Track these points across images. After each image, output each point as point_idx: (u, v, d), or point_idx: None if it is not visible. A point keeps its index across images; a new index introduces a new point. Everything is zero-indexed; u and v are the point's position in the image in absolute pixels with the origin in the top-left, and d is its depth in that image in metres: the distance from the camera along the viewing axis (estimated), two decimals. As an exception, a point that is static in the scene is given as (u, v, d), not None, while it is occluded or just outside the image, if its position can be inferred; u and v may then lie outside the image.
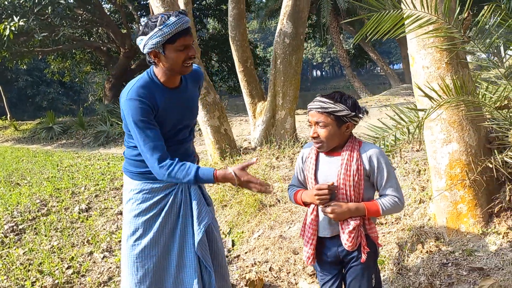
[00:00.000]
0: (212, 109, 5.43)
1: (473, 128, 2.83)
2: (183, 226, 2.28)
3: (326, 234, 2.06)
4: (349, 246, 1.97)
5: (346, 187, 1.96)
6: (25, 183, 7.27)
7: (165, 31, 1.95)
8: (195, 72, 2.32)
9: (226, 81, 20.34)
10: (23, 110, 31.25)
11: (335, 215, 1.95)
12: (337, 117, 1.93)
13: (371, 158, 1.97)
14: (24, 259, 4.08)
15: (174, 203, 2.28)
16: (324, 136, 1.96)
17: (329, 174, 2.02)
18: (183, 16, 1.99)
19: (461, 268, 2.68)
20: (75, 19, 14.24)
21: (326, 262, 2.14)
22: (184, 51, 2.03)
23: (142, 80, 2.12)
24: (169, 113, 2.16)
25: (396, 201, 1.97)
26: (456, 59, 2.81)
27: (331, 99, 1.95)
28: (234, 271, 3.52)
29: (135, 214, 2.27)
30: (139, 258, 2.26)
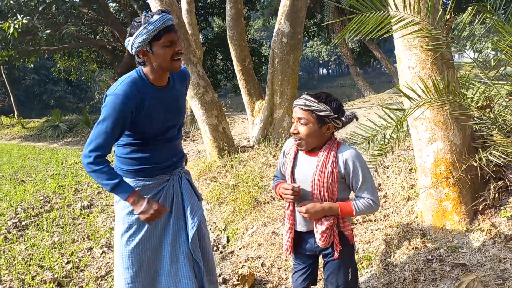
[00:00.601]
0: (210, 108, 5.52)
1: (457, 127, 2.89)
2: (175, 221, 2.36)
3: (302, 229, 2.16)
4: (322, 244, 2.06)
5: (320, 188, 2.02)
6: (30, 180, 7.40)
7: (150, 28, 2.01)
8: (182, 72, 2.41)
9: (231, 80, 20.38)
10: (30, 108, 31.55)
11: (310, 215, 2.03)
12: (319, 116, 1.98)
13: (347, 161, 2.01)
14: (25, 254, 4.19)
15: (166, 198, 2.35)
16: (304, 134, 2.01)
17: (306, 173, 2.08)
18: (166, 14, 2.06)
19: (445, 264, 2.74)
20: (80, 18, 14.37)
21: (302, 254, 2.25)
22: (171, 47, 2.08)
23: (131, 77, 2.17)
24: (156, 111, 2.22)
25: (371, 203, 2.03)
26: (441, 60, 2.86)
27: (316, 98, 2.00)
28: (227, 266, 3.61)
29: (128, 211, 2.32)
30: (134, 253, 2.33)
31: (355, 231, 3.39)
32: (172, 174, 2.39)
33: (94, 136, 2.08)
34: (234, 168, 5.29)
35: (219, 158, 5.56)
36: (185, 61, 5.37)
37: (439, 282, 2.64)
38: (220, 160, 5.51)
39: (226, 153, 5.58)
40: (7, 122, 19.48)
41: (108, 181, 2.08)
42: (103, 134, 2.07)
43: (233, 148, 5.70)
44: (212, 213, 4.59)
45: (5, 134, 17.26)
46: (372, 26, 2.71)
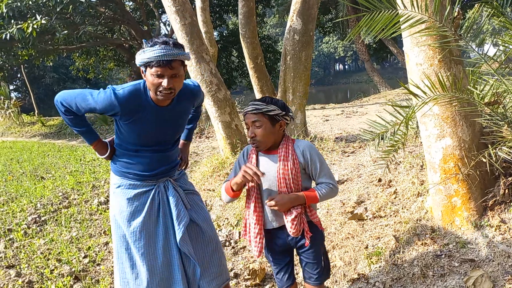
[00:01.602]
0: (223, 105, 5.58)
1: (466, 123, 2.89)
2: (164, 229, 2.42)
3: (274, 225, 2.28)
4: (293, 232, 2.19)
5: (286, 180, 2.18)
6: (49, 177, 7.59)
7: (143, 56, 2.11)
8: (191, 91, 2.45)
9: (246, 77, 20.46)
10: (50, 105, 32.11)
11: (279, 206, 2.16)
12: (271, 116, 2.17)
13: (304, 151, 2.22)
14: (44, 248, 4.33)
15: (153, 205, 2.41)
16: (260, 135, 2.17)
17: (269, 171, 2.23)
18: (168, 49, 2.07)
19: (453, 260, 2.76)
20: (97, 17, 14.60)
21: (277, 251, 2.37)
22: (159, 79, 2.11)
23: (135, 87, 2.25)
24: (147, 127, 2.29)
25: (331, 187, 2.22)
26: (449, 56, 2.87)
27: (263, 101, 2.20)
28: (239, 261, 3.68)
29: (117, 207, 2.42)
30: (127, 250, 2.41)
31: (365, 227, 3.42)
32: (157, 182, 2.43)
33: (74, 97, 2.27)
34: (247, 165, 5.35)
35: (232, 155, 5.62)
36: (198, 59, 5.44)
37: (448, 278, 2.66)
38: (233, 157, 5.58)
39: (239, 149, 5.64)
40: (28, 120, 19.90)
41: (74, 127, 2.40)
42: (81, 102, 2.25)
43: (246, 145, 5.76)
44: (225, 209, 4.67)
45: (25, 132, 17.65)
46: (381, 25, 2.73)
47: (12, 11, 10.78)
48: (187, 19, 5.38)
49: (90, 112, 2.33)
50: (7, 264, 3.96)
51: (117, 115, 2.25)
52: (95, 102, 2.22)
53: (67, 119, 2.38)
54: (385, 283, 2.85)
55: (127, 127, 2.29)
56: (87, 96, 2.25)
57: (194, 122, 2.85)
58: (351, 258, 3.20)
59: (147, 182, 2.42)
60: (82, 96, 2.26)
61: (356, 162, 4.77)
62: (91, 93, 2.25)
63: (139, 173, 2.39)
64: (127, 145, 2.37)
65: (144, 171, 2.39)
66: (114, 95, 2.19)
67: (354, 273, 3.07)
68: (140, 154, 2.37)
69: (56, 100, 2.33)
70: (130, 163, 2.39)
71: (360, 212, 3.53)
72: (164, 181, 2.46)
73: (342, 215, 3.66)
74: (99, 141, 2.49)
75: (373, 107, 11.50)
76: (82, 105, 2.26)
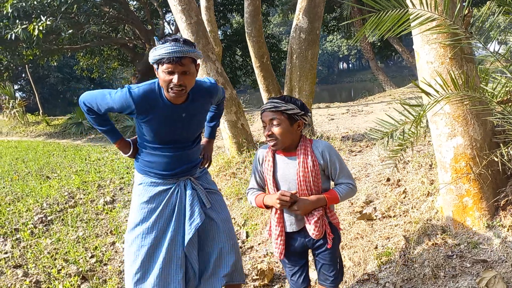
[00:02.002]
0: (229, 104, 5.56)
1: (478, 122, 2.85)
2: (175, 227, 2.44)
3: (294, 228, 2.25)
4: (316, 235, 2.17)
5: (307, 183, 2.16)
6: (55, 176, 7.59)
7: (155, 53, 2.16)
8: (207, 89, 2.46)
9: (250, 76, 20.43)
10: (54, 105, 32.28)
11: (302, 211, 2.14)
12: (289, 115, 2.13)
13: (323, 152, 2.19)
14: (51, 248, 4.32)
15: (169, 203, 2.45)
16: (278, 133, 2.13)
17: (288, 174, 2.19)
18: (178, 46, 2.12)
19: (465, 260, 2.72)
20: (102, 17, 14.61)
21: (293, 253, 2.33)
22: (170, 76, 2.15)
23: (150, 86, 2.29)
24: (163, 125, 2.32)
25: (351, 187, 2.21)
26: (460, 54, 2.83)
27: (282, 100, 2.16)
28: (247, 261, 3.65)
29: (137, 204, 2.46)
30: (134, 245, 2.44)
31: (374, 227, 3.39)
32: (178, 181, 2.47)
33: (95, 97, 2.36)
34: (253, 164, 5.32)
35: (238, 154, 5.60)
36: (204, 59, 5.42)
37: (459, 279, 2.63)
38: (239, 156, 5.56)
39: (245, 149, 5.62)
40: (33, 120, 19.93)
41: (98, 126, 2.47)
42: (101, 101, 2.34)
43: (252, 144, 5.73)
44: (231, 209, 4.64)
45: (30, 132, 17.69)
46: (389, 24, 2.69)
47: (17, 11, 10.79)
48: (192, 18, 5.36)
49: (109, 111, 2.38)
50: (14, 264, 3.96)
51: (134, 114, 2.30)
52: (112, 101, 2.30)
53: (90, 118, 2.46)
54: (396, 284, 2.82)
55: (144, 125, 2.34)
56: (106, 96, 2.33)
57: (216, 120, 2.86)
58: (361, 258, 3.17)
59: (168, 180, 2.45)
60: (101, 95, 2.35)
61: (364, 161, 4.74)
62: (109, 93, 2.33)
63: (159, 173, 2.43)
64: (147, 144, 2.42)
65: (164, 170, 2.43)
66: (129, 93, 2.25)
67: (364, 273, 3.04)
68: (160, 153, 2.41)
69: (80, 100, 2.44)
70: (151, 162, 2.44)
71: (369, 212, 3.50)
72: (184, 180, 2.49)
73: (350, 215, 3.63)
74: (122, 140, 2.53)
75: (378, 105, 11.45)
76: (102, 104, 2.34)
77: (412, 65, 19.32)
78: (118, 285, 3.50)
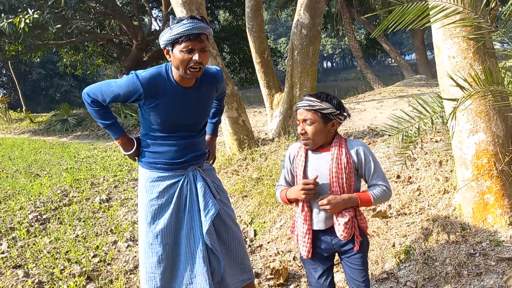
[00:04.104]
0: (230, 100, 5.46)
1: (500, 118, 2.82)
2: (189, 219, 2.37)
3: (321, 227, 2.15)
4: (344, 236, 2.08)
5: (339, 180, 2.07)
6: (45, 174, 7.38)
7: (174, 31, 2.08)
8: (213, 74, 2.40)
9: (238, 73, 20.32)
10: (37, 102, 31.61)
11: (331, 206, 2.04)
12: (323, 114, 2.05)
13: (358, 151, 2.10)
14: (50, 247, 4.16)
15: (181, 195, 2.37)
16: (311, 133, 2.07)
17: (319, 170, 2.11)
18: (196, 22, 2.08)
19: (489, 258, 2.68)
20: (88, 12, 14.29)
21: (319, 255, 2.23)
22: (189, 54, 2.10)
23: (158, 70, 2.24)
24: (172, 109, 2.25)
25: (385, 190, 2.09)
26: (483, 49, 2.79)
27: (318, 98, 2.08)
28: (257, 260, 3.56)
29: (146, 202, 2.38)
30: (154, 244, 2.35)
31: (389, 225, 3.34)
32: (186, 171, 2.38)
33: (100, 86, 2.29)
34: (255, 161, 5.24)
35: (239, 151, 5.51)
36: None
37: (485, 277, 2.59)
38: (241, 153, 5.46)
39: (246, 146, 5.52)
40: (15, 117, 19.49)
41: (101, 120, 2.36)
42: (106, 89, 2.26)
43: (253, 141, 5.64)
44: (236, 207, 4.55)
45: (14, 129, 17.27)
46: (413, 16, 2.64)
47: (3, 5, 10.46)
48: (193, 12, 5.23)
49: (114, 101, 2.29)
50: (13, 264, 3.79)
51: (141, 99, 2.22)
52: (118, 87, 2.23)
53: (93, 111, 2.34)
54: (417, 283, 2.76)
55: (152, 111, 2.25)
56: (111, 83, 2.26)
57: (218, 116, 2.80)
58: (378, 256, 3.11)
59: (176, 172, 2.37)
60: (106, 84, 2.28)
61: (369, 158, 4.69)
62: (114, 80, 2.28)
63: (168, 161, 2.35)
64: (154, 133, 2.33)
65: (173, 159, 2.35)
66: (136, 77, 2.19)
67: (382, 271, 2.98)
68: (168, 141, 2.33)
69: (83, 93, 2.34)
70: (158, 152, 2.35)
71: (384, 210, 3.45)
72: (193, 170, 2.40)
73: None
74: (125, 136, 2.43)
75: (370, 103, 11.47)
76: (107, 92, 2.25)
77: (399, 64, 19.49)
78: (126, 286, 3.37)
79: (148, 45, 16.37)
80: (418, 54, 19.73)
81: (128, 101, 2.25)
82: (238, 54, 19.36)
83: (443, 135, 4.76)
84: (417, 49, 19.68)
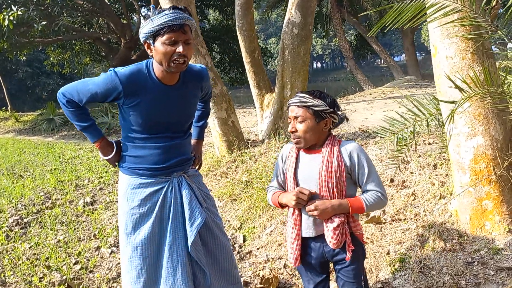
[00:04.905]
0: (219, 100, 5.31)
1: (499, 121, 2.71)
2: (173, 230, 2.20)
3: (311, 234, 2.04)
4: (334, 244, 1.95)
5: (329, 184, 1.96)
6: (28, 175, 7.17)
7: (155, 22, 1.95)
8: (197, 72, 2.26)
9: (228, 73, 20.17)
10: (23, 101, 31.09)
11: (319, 212, 1.93)
12: (316, 112, 1.96)
13: (351, 154, 1.98)
14: (30, 253, 3.98)
15: (164, 204, 2.20)
16: (302, 131, 1.97)
17: (310, 172, 2.01)
18: (178, 12, 1.95)
19: (487, 268, 2.58)
20: (75, 9, 14.02)
21: (312, 264, 2.11)
22: (172, 46, 1.96)
23: (138, 67, 2.10)
24: (155, 108, 2.10)
25: (379, 196, 1.96)
26: (481, 49, 2.69)
27: (311, 94, 1.98)
28: (246, 267, 3.42)
29: (126, 210, 2.21)
30: (133, 257, 2.19)
31: (383, 231, 3.22)
32: (170, 178, 2.22)
33: (76, 85, 2.14)
34: (244, 164, 5.10)
35: (228, 153, 5.36)
36: (193, 52, 5.15)
37: (484, 287, 2.48)
38: (230, 155, 5.32)
39: (235, 147, 5.38)
40: (0, 116, 19.11)
41: (77, 122, 2.20)
42: (82, 88, 2.10)
43: (243, 143, 5.50)
44: (225, 211, 4.40)
45: (-2, 128, 16.92)
46: (411, 14, 2.52)
47: (-14, 1, 10.20)
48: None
49: (91, 101, 2.14)
50: (-11, 273, 3.61)
51: (120, 98, 2.07)
52: (95, 85, 2.08)
53: (69, 112, 2.19)
54: (413, 292, 2.65)
55: (132, 111, 2.10)
56: (87, 82, 2.12)
57: (204, 119, 2.64)
58: (372, 265, 2.99)
59: (159, 178, 2.20)
60: (83, 82, 2.14)
61: (362, 161, 4.57)
62: (91, 79, 2.13)
63: (150, 167, 2.18)
64: (135, 135, 2.16)
65: (156, 163, 2.17)
66: (115, 74, 2.04)
67: (377, 281, 2.87)
68: (150, 144, 2.16)
69: (58, 93, 2.19)
70: (140, 156, 2.18)
71: (378, 215, 3.33)
72: (178, 176, 2.24)
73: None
74: (103, 139, 2.27)
75: (360, 104, 11.39)
76: (83, 91, 2.11)
77: (389, 65, 19.49)
78: (108, 295, 3.22)
79: (136, 44, 16.12)
80: (408, 55, 19.75)
81: (106, 100, 2.09)
82: (228, 53, 19.21)
83: (436, 137, 4.66)
84: (407, 50, 19.69)
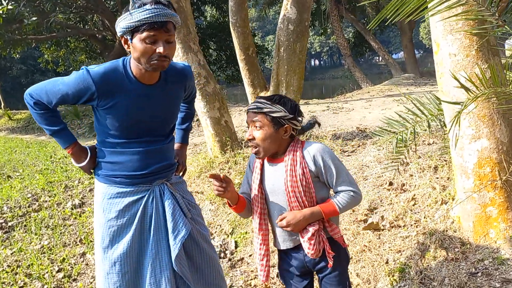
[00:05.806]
0: (212, 99, 5.13)
1: (504, 122, 2.55)
2: (155, 243, 2.01)
3: (288, 245, 1.93)
4: (312, 254, 1.84)
5: (297, 194, 1.84)
6: (17, 175, 6.98)
7: (133, 17, 1.74)
8: (180, 70, 2.07)
9: (224, 70, 19.96)
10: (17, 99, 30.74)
11: (292, 227, 1.82)
12: (274, 118, 1.85)
13: (315, 157, 1.86)
14: (12, 260, 3.81)
15: (145, 215, 2.01)
16: (259, 138, 1.86)
17: (276, 183, 1.89)
18: (161, 8, 1.74)
19: (492, 279, 2.41)
20: (69, 6, 13.78)
21: (294, 274, 2.00)
22: (151, 45, 1.77)
23: (113, 65, 1.90)
24: (132, 108, 1.91)
25: (352, 195, 1.86)
26: (486, 46, 2.52)
27: (269, 100, 1.88)
28: (238, 276, 3.26)
29: (103, 222, 2.02)
30: (111, 274, 2.00)
31: (382, 238, 3.05)
32: (151, 186, 2.02)
33: (44, 85, 1.95)
34: (238, 165, 4.92)
35: (221, 154, 5.18)
36: (185, 49, 4.97)
37: (489, 301, 2.31)
38: (223, 156, 5.14)
39: (229, 148, 5.20)
40: (-7, 114, 18.89)
41: (47, 126, 2.01)
42: (52, 89, 1.91)
43: (236, 143, 5.32)
44: (217, 214, 4.23)
45: (-9, 126, 16.70)
46: (413, 6, 2.34)
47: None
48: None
49: (62, 103, 1.93)
50: (-33, 281, 3.43)
51: (94, 100, 1.87)
52: (66, 85, 1.88)
53: (37, 115, 2.00)
54: (413, 305, 2.49)
55: (108, 113, 1.89)
56: (57, 82, 1.92)
57: (189, 121, 2.43)
58: (370, 275, 2.82)
59: (139, 186, 1.99)
60: (52, 82, 1.94)
61: (359, 162, 4.40)
62: (62, 78, 1.93)
63: (129, 174, 1.97)
64: (112, 139, 1.96)
65: (135, 170, 1.97)
66: (87, 72, 1.84)
67: (375, 292, 2.70)
68: (129, 149, 1.96)
69: (25, 93, 1.99)
70: (117, 162, 1.97)
71: (376, 221, 3.16)
72: (159, 185, 2.03)
73: (354, 224, 3.28)
74: (76, 144, 2.06)
75: (358, 103, 11.22)
76: (53, 92, 1.91)
77: (387, 63, 19.33)
78: (91, 306, 3.05)
79: (132, 41, 15.92)
80: (406, 53, 19.58)
81: (79, 102, 1.89)
82: (225, 51, 19.00)
83: (436, 138, 4.50)
84: (405, 48, 19.52)
